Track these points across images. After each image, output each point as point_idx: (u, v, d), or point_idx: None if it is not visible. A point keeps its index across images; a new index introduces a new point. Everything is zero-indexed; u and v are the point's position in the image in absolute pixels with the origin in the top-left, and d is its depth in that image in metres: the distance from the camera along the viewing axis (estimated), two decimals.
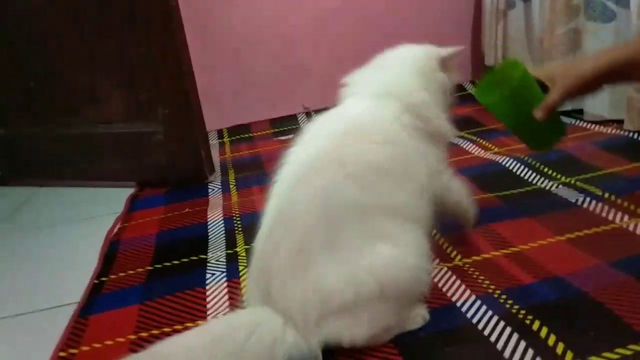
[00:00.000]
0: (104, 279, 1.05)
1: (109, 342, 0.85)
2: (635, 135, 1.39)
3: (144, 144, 1.53)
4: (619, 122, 1.48)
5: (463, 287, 0.85)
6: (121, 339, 0.85)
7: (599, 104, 1.53)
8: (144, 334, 0.86)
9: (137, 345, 0.83)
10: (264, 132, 1.97)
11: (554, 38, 1.62)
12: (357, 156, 0.74)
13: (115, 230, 1.28)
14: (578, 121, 1.58)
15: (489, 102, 0.88)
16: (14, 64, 1.61)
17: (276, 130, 1.97)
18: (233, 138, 1.96)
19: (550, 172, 1.24)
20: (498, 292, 0.82)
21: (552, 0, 1.60)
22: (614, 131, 1.45)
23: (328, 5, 2.04)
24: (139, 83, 1.47)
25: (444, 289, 0.85)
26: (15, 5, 1.52)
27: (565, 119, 1.58)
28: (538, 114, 0.85)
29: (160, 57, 1.41)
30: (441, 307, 0.81)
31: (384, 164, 0.75)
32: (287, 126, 1.98)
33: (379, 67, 0.91)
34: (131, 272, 1.06)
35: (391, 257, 0.70)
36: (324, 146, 0.76)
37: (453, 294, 0.83)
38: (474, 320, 0.77)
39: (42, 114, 1.63)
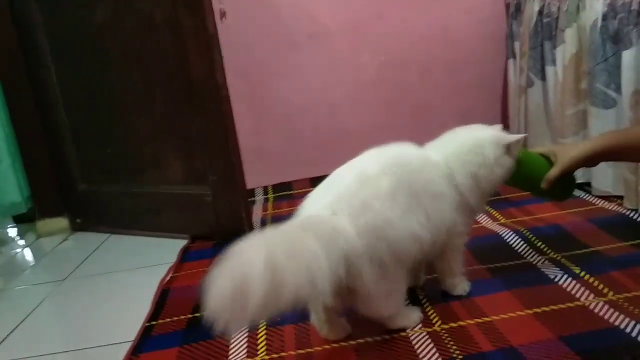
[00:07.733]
0: (154, 322, 1.30)
1: None
2: (633, 214, 1.51)
3: (196, 203, 1.80)
4: (622, 198, 1.59)
5: (434, 350, 1.02)
6: None
7: (605, 180, 1.66)
8: None
9: None
10: (304, 190, 2.20)
11: (564, 117, 1.77)
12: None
13: (168, 278, 1.54)
14: (586, 195, 1.71)
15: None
16: (99, 134, 1.96)
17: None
18: (277, 195, 2.21)
19: (542, 246, 1.38)
20: (460, 357, 0.99)
21: (563, 83, 1.76)
22: (615, 208, 1.58)
23: (365, 78, 2.29)
24: (195, 154, 1.76)
25: (418, 351, 1.03)
26: (103, 89, 1.88)
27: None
28: (543, 184, 1.16)
29: (212, 135, 1.70)
30: None
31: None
32: None
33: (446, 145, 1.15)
34: (176, 318, 1.30)
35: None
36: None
37: (424, 356, 1.01)
38: None
39: (115, 174, 1.96)
